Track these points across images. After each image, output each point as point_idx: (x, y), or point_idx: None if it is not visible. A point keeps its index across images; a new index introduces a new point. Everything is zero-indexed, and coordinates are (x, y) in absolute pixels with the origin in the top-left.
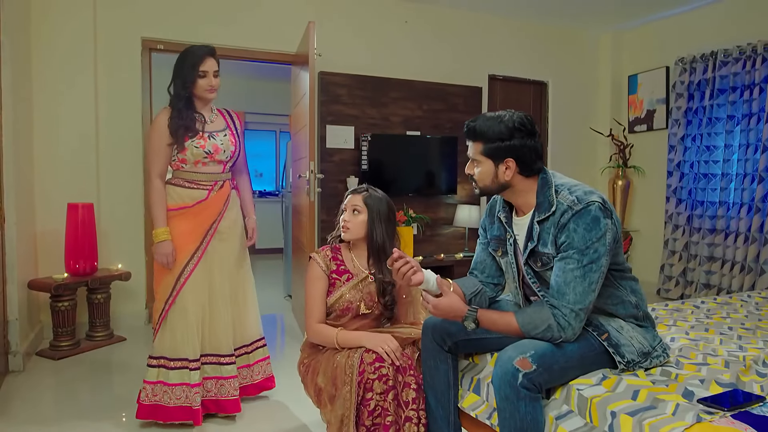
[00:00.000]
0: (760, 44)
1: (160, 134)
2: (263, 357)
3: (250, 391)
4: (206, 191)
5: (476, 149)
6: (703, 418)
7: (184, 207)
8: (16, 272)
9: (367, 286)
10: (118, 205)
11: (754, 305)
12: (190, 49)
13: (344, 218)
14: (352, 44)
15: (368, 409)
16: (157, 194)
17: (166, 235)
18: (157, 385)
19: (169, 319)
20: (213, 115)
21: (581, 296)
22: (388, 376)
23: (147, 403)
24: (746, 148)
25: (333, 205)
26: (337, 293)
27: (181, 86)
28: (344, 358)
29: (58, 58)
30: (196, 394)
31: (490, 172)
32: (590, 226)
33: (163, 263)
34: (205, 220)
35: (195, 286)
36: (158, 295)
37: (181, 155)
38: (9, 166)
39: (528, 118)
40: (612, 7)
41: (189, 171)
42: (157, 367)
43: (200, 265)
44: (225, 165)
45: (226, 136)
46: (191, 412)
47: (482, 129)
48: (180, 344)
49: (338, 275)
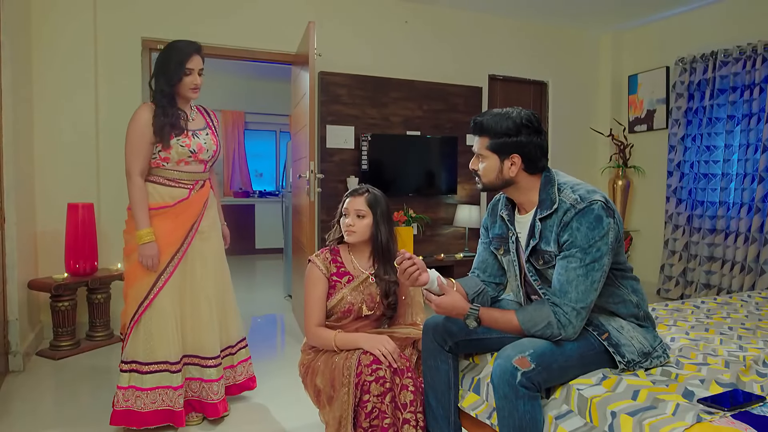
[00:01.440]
0: (761, 44)
1: (143, 132)
2: (245, 357)
3: (232, 391)
4: (187, 190)
5: (482, 144)
6: (703, 418)
7: (164, 206)
8: (17, 272)
9: (367, 288)
10: (118, 205)
11: (754, 305)
12: (177, 45)
13: (348, 222)
14: (353, 44)
15: (365, 411)
16: (140, 193)
17: (152, 236)
18: (128, 390)
19: (143, 322)
20: (193, 113)
21: (583, 295)
22: (385, 378)
23: (119, 409)
24: (746, 148)
25: (333, 205)
26: (338, 295)
27: (166, 83)
28: (342, 360)
29: (58, 58)
30: (179, 396)
31: (495, 168)
32: (593, 224)
33: (148, 265)
34: (187, 219)
35: (174, 288)
36: (129, 299)
37: (164, 153)
38: (9, 166)
39: (535, 116)
40: (612, 7)
41: (170, 169)
42: (129, 372)
43: (180, 267)
44: (206, 164)
45: (208, 135)
46: (173, 415)
47: (489, 124)
48: (157, 347)
49: (339, 277)
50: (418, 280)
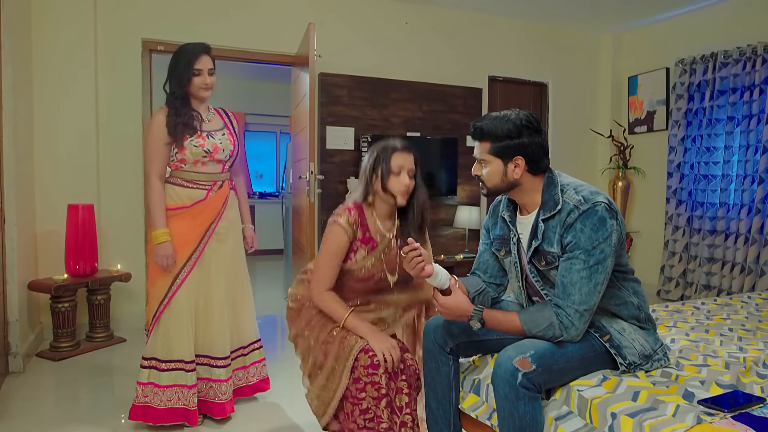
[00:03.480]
0: (760, 45)
1: (158, 133)
2: (259, 359)
3: (245, 392)
4: (205, 191)
5: (484, 149)
6: (703, 419)
7: (182, 207)
8: (17, 273)
9: (389, 252)
10: (118, 205)
11: (754, 306)
12: (185, 47)
13: (406, 183)
14: (353, 45)
15: (361, 407)
16: (157, 195)
17: (167, 236)
18: (147, 386)
19: (162, 321)
20: (210, 114)
21: (586, 296)
22: (380, 384)
23: (139, 404)
24: (746, 150)
25: (333, 206)
26: (359, 262)
27: (177, 84)
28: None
29: (58, 58)
30: (194, 395)
31: (499, 171)
32: (597, 226)
33: (163, 265)
34: (204, 220)
35: (191, 288)
36: (152, 297)
37: (180, 155)
38: (9, 166)
39: (534, 116)
40: (612, 8)
41: (188, 171)
42: (148, 368)
43: (197, 267)
44: (224, 165)
45: (225, 135)
46: (186, 414)
47: (490, 128)
48: (174, 346)
49: (364, 243)
50: (424, 271)
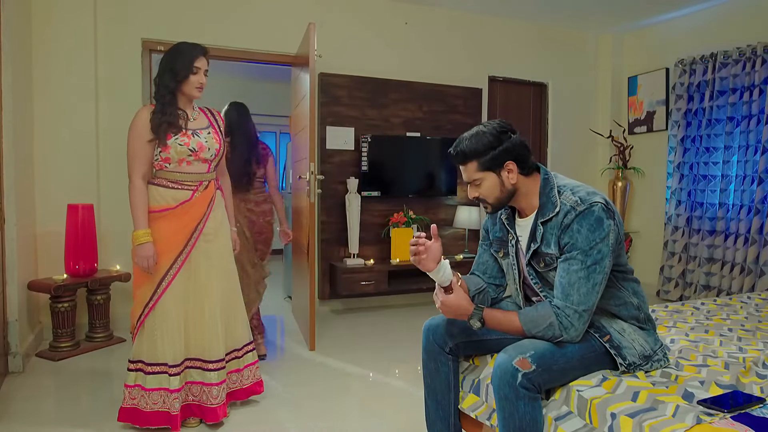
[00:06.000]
0: (760, 46)
1: (141, 130)
2: (253, 361)
3: (239, 395)
4: (190, 192)
5: (472, 169)
6: (703, 419)
7: (167, 209)
8: (16, 273)
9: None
10: (118, 206)
11: (753, 307)
12: (186, 44)
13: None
14: (353, 45)
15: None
16: (139, 195)
17: (148, 237)
18: (134, 388)
19: (148, 324)
20: (195, 113)
21: (585, 297)
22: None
23: (127, 407)
24: (746, 150)
25: (333, 207)
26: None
27: (172, 78)
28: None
29: (59, 58)
30: (175, 399)
31: (495, 184)
32: (594, 226)
33: (144, 267)
34: (190, 221)
35: (178, 291)
36: (137, 299)
37: (164, 153)
38: (9, 166)
39: (504, 121)
40: (612, 8)
41: (173, 171)
42: (135, 371)
43: (183, 270)
44: (210, 164)
45: (210, 134)
46: (169, 418)
47: (471, 148)
48: (159, 349)
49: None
50: (420, 263)
